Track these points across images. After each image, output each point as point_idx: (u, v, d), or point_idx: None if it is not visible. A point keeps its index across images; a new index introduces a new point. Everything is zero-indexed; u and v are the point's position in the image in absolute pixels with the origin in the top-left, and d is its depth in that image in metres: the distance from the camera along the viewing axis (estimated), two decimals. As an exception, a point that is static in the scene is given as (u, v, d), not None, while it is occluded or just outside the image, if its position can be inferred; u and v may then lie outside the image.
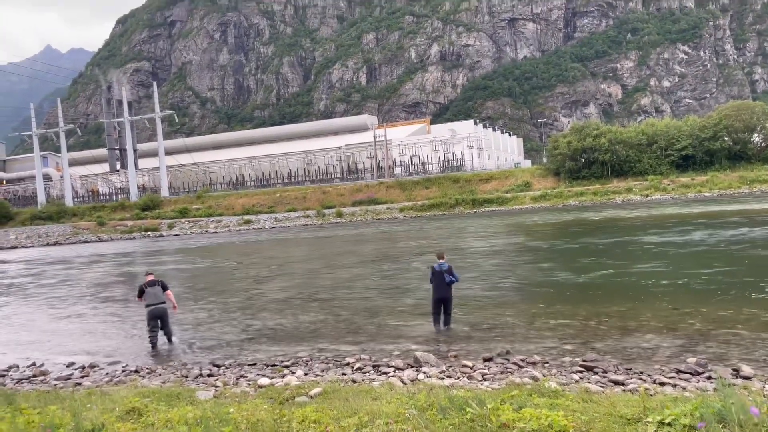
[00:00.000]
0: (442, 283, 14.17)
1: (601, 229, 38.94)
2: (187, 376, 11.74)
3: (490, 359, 11.61)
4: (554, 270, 23.64)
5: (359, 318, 16.72)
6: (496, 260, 27.28)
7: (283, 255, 38.12)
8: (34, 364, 13.83)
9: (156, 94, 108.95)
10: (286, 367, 11.96)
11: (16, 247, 69.13)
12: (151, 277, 15.10)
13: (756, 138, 75.85)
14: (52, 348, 15.99)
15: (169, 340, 15.06)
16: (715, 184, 67.58)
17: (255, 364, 12.48)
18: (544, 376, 10.12)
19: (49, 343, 16.72)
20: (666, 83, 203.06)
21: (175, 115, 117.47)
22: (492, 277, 22.42)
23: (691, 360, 10.58)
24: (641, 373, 10.30)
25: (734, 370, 9.96)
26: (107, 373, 12.59)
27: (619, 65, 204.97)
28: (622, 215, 48.82)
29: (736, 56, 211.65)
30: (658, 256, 24.78)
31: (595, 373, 10.39)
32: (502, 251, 30.69)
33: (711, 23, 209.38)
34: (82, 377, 12.40)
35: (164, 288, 15.04)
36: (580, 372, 10.50)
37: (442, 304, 14.45)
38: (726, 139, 74.29)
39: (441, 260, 14.43)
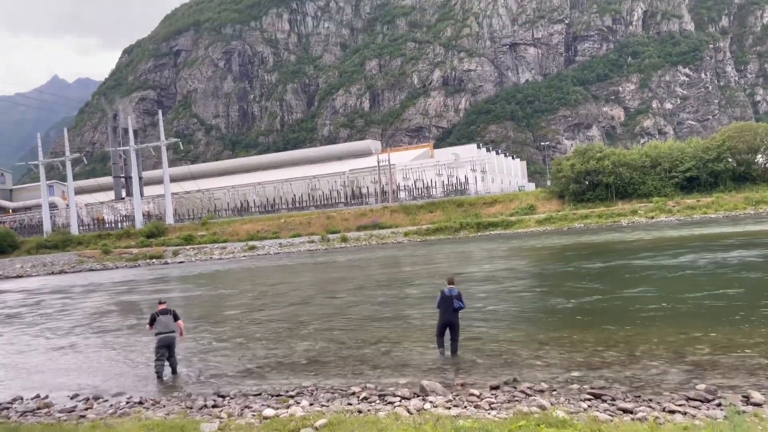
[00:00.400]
0: (450, 308, 14.16)
1: (605, 252, 38.78)
2: (191, 407, 11.65)
3: (497, 387, 11.49)
4: (559, 295, 23.49)
5: (365, 346, 16.60)
6: (501, 285, 27.14)
7: (286, 281, 38.02)
8: (38, 396, 13.75)
9: (161, 122, 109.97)
10: (291, 397, 11.86)
11: (21, 276, 69.23)
12: (163, 306, 15.18)
13: (760, 159, 75.83)
14: (55, 379, 15.91)
15: (174, 370, 15.01)
16: (720, 206, 67.38)
17: (260, 394, 12.38)
18: (551, 404, 10.00)
19: (52, 374, 16.65)
20: (668, 105, 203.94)
21: (180, 143, 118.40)
22: (497, 303, 22.29)
23: (701, 387, 10.46)
24: (650, 400, 10.17)
25: (744, 396, 9.82)
26: (111, 405, 12.51)
27: (620, 88, 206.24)
28: (627, 238, 48.65)
29: (737, 78, 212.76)
30: (663, 279, 24.63)
31: (604, 401, 10.26)
32: (507, 276, 30.55)
33: (711, 46, 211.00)
34: (86, 409, 12.31)
35: (175, 317, 15.10)
36: (589, 400, 10.37)
37: (448, 329, 14.42)
38: (730, 160, 74.30)
39: (451, 285, 14.43)
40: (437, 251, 52.31)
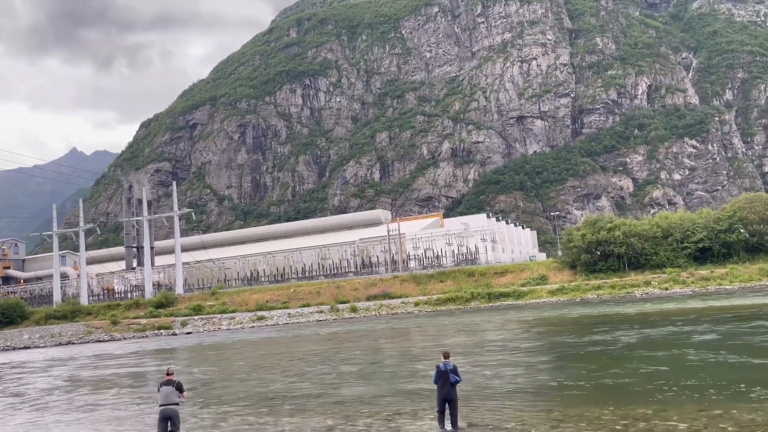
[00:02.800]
0: (447, 382, 14.02)
1: (621, 323, 37.98)
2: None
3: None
4: (575, 369, 22.86)
5: (376, 422, 16.07)
6: (515, 358, 26.49)
7: (293, 352, 37.35)
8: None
9: (175, 194, 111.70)
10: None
11: (28, 347, 68.63)
12: (169, 377, 14.86)
13: (772, 229, 75.20)
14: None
15: (178, 446, 14.52)
16: (735, 277, 66.39)
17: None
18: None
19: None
20: (677, 176, 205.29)
21: (193, 213, 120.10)
22: (511, 377, 21.69)
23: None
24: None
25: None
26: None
27: (628, 159, 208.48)
28: (647, 309, 47.77)
29: (744, 149, 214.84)
30: (682, 353, 23.95)
31: (625, 485, 9.74)
32: (521, 348, 29.87)
33: (717, 118, 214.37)
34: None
35: (180, 389, 14.75)
36: (609, 483, 9.86)
37: (447, 404, 14.21)
38: (742, 231, 73.80)
39: (446, 360, 14.31)
40: (449, 322, 51.48)
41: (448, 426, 14.30)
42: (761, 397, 15.34)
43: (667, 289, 65.92)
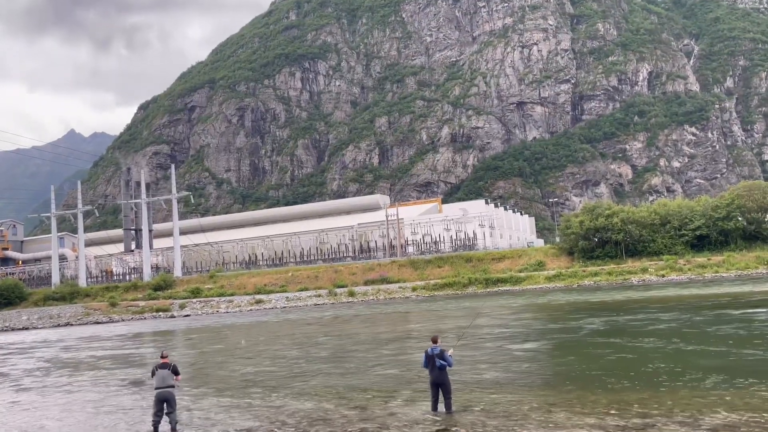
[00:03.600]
0: (435, 367, 14.13)
1: (616, 310, 38.21)
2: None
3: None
4: (570, 354, 23.05)
5: (371, 405, 16.22)
6: (511, 343, 26.68)
7: (291, 334, 37.57)
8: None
9: (173, 176, 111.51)
10: (294, 458, 11.51)
11: (27, 328, 68.90)
12: (164, 360, 15.02)
13: (770, 217, 75.44)
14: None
15: (173, 428, 14.65)
16: (732, 265, 66.65)
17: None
18: (563, 470, 9.64)
19: (54, 429, 16.32)
20: (676, 163, 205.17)
21: (192, 196, 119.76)
22: (507, 362, 21.86)
23: (719, 453, 10.06)
24: (667, 467, 9.79)
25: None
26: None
27: (627, 146, 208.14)
28: (633, 296, 48.03)
29: (744, 137, 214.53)
30: (675, 338, 24.14)
31: (618, 468, 9.87)
32: (517, 333, 30.07)
33: (717, 106, 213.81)
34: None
35: (175, 372, 14.91)
36: (602, 466, 9.99)
37: (439, 388, 14.34)
38: (740, 219, 73.98)
39: (434, 344, 14.39)
40: (446, 307, 51.74)
41: (441, 409, 14.44)
42: (756, 381, 15.52)
43: (663, 276, 66.19)
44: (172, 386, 14.69)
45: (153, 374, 14.91)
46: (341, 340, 33.19)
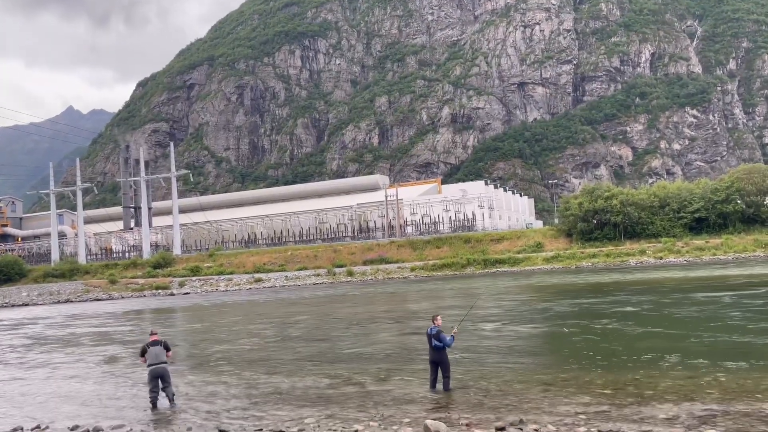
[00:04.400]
0: (433, 346, 14.37)
1: (613, 291, 38.43)
2: (191, 442, 11.47)
3: (502, 429, 11.26)
4: (567, 335, 23.22)
5: (369, 382, 16.40)
6: (508, 323, 26.88)
7: (289, 314, 37.81)
8: (38, 426, 13.60)
9: (173, 154, 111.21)
10: (293, 433, 11.67)
11: (27, 305, 69.25)
12: (154, 337, 15.21)
13: (769, 201, 75.54)
14: (55, 409, 15.77)
15: (171, 401, 14.91)
16: (729, 248, 66.87)
17: (261, 430, 12.20)
18: (558, 447, 9.79)
19: (52, 404, 16.51)
20: (676, 146, 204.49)
21: (191, 174, 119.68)
22: (504, 341, 22.04)
23: (711, 433, 10.22)
24: (659, 446, 9.94)
25: (757, 444, 9.58)
26: (110, 438, 12.34)
27: (628, 128, 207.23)
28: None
29: (745, 120, 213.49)
30: (672, 320, 24.34)
31: (612, 446, 10.03)
32: (514, 314, 30.28)
33: (719, 88, 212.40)
34: (85, 441, 12.14)
35: (167, 348, 15.15)
36: (596, 444, 10.14)
37: (438, 367, 14.58)
38: (739, 202, 74.09)
39: (433, 323, 14.63)
40: (444, 287, 52.01)
41: (439, 388, 14.62)
42: (750, 364, 15.69)
43: (661, 258, 66.42)
44: (165, 362, 14.92)
45: (143, 352, 15.08)
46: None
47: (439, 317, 14.91)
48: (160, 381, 14.83)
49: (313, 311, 39.33)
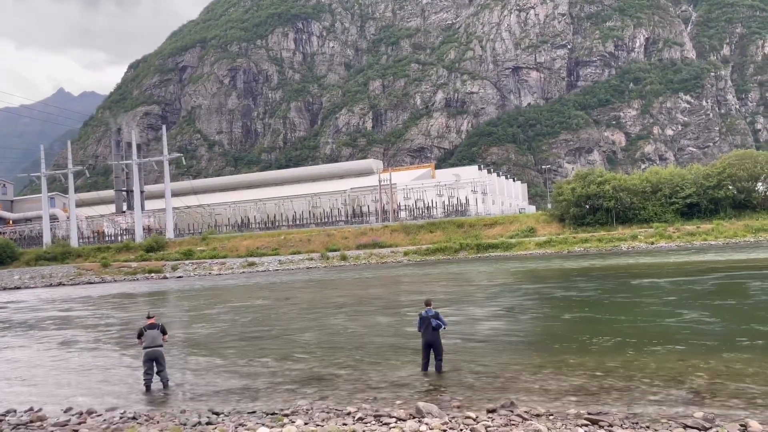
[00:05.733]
0: (429, 328, 14.69)
1: (605, 276, 38.72)
2: (185, 424, 11.55)
3: (493, 411, 11.40)
4: (558, 319, 23.44)
5: (362, 365, 16.53)
6: (500, 307, 27.07)
7: (283, 297, 37.92)
8: (31, 409, 13.63)
9: (165, 137, 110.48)
10: (286, 416, 11.77)
11: (19, 288, 69.06)
12: (151, 321, 15.31)
13: (760, 187, 76.03)
14: (50, 391, 15.82)
15: (165, 385, 15.03)
16: (720, 233, 67.36)
17: (254, 412, 12.29)
18: (548, 429, 9.94)
19: (46, 386, 16.55)
20: (669, 132, 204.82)
21: (183, 158, 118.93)
22: (495, 325, 22.22)
23: (699, 414, 10.38)
24: (647, 427, 10.09)
25: (742, 425, 9.75)
26: (105, 420, 12.40)
27: (622, 113, 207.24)
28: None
29: (738, 106, 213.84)
30: (661, 305, 24.58)
31: (601, 427, 10.17)
32: (506, 298, 30.48)
33: (713, 74, 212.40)
34: (80, 424, 12.20)
35: (163, 332, 15.35)
36: (585, 425, 10.28)
37: (431, 349, 14.90)
38: (730, 187, 74.51)
39: (428, 307, 14.99)
40: (437, 271, 52.22)
41: (431, 370, 14.81)
42: (739, 347, 15.90)
43: (653, 243, 66.86)
44: (161, 345, 15.08)
45: (140, 335, 15.24)
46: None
47: (431, 301, 15.14)
48: (155, 364, 14.96)
49: (307, 296, 39.43)
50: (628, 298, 27.88)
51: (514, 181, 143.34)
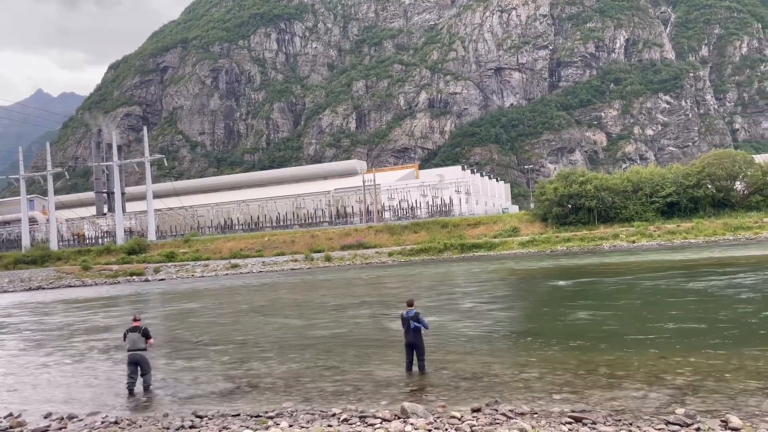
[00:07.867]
0: (410, 329, 14.60)
1: (587, 275, 39.05)
2: (168, 428, 11.43)
3: (478, 410, 11.43)
4: (541, 318, 23.58)
5: (346, 366, 16.49)
6: (483, 306, 27.17)
7: (267, 299, 37.72)
8: (11, 414, 13.41)
9: (146, 139, 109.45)
10: (271, 418, 11.70)
11: (-3, 292, 67.87)
12: (136, 323, 15.13)
13: (738, 186, 77.18)
14: (29, 397, 15.57)
15: (146, 388, 14.86)
16: (700, 231, 68.24)
17: (238, 415, 12.20)
18: (532, 427, 9.98)
19: (26, 391, 16.29)
20: (649, 131, 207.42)
21: (165, 159, 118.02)
22: (479, 324, 22.29)
23: (680, 411, 10.49)
24: (630, 424, 10.18)
25: (723, 421, 9.87)
26: (86, 425, 12.23)
27: (603, 114, 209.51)
28: (611, 261, 49.09)
29: (716, 106, 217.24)
30: (643, 303, 24.84)
31: (585, 425, 10.24)
32: (489, 297, 30.60)
33: (692, 74, 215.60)
34: (60, 429, 12.03)
35: (146, 335, 15.07)
36: (569, 423, 10.35)
37: (413, 350, 14.81)
38: (709, 186, 75.53)
39: (409, 308, 14.86)
40: (421, 272, 52.29)
41: (415, 370, 14.81)
42: (719, 344, 16.12)
43: (634, 242, 67.55)
44: (143, 349, 14.90)
45: (125, 337, 15.10)
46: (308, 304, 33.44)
47: (414, 301, 15.12)
48: (138, 368, 14.80)
49: (292, 297, 39.27)
50: (612, 296, 28.14)
51: (497, 181, 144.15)
